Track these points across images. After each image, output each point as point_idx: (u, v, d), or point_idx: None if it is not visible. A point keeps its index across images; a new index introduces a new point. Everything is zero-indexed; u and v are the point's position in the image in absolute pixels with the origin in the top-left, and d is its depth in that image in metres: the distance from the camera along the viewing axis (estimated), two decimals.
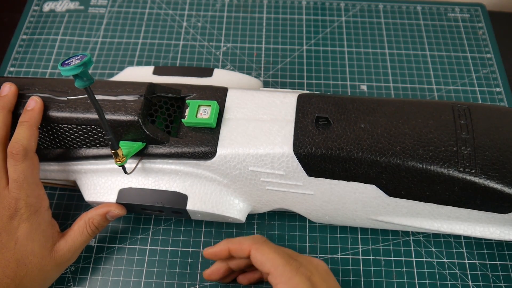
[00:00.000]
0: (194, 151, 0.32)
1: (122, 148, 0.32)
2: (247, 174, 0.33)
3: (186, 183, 0.34)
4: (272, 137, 0.32)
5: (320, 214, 0.36)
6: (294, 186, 0.33)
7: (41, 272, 0.31)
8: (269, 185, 0.33)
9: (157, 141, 0.32)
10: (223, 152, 0.32)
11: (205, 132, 0.33)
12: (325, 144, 0.31)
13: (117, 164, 0.31)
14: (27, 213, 0.31)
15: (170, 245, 0.39)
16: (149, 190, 0.35)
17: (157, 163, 0.34)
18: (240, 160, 0.32)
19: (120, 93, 0.33)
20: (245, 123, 0.33)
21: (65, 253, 0.33)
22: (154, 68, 0.40)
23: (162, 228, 0.40)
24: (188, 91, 0.35)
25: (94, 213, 0.34)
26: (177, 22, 0.53)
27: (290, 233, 0.39)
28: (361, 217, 0.35)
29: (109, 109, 0.32)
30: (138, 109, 0.31)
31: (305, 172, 0.32)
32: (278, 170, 0.32)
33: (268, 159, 0.32)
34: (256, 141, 0.32)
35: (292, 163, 0.31)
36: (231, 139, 0.32)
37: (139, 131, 0.32)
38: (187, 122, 0.33)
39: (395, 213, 0.34)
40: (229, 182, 0.34)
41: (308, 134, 0.31)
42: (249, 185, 0.34)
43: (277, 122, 0.32)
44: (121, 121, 0.32)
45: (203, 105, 0.33)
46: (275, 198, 0.35)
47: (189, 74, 0.39)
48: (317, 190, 0.33)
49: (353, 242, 0.39)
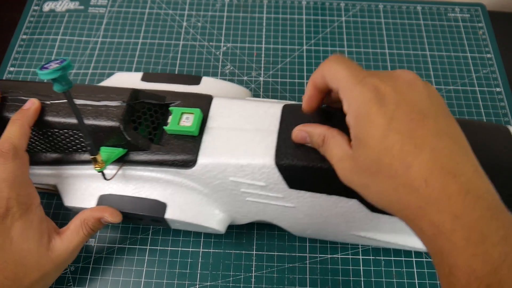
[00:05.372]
0: (175, 159, 0.32)
1: (102, 154, 0.31)
2: (227, 184, 0.32)
3: (167, 192, 0.34)
4: (254, 148, 0.31)
5: (302, 227, 0.35)
6: (275, 198, 0.32)
7: (39, 272, 0.31)
8: (249, 196, 0.33)
9: (138, 147, 0.32)
10: (204, 161, 0.31)
11: (187, 140, 0.32)
12: (307, 156, 0.30)
13: (96, 169, 0.31)
14: (20, 212, 0.31)
15: (170, 245, 0.39)
16: (128, 197, 0.34)
17: (138, 170, 0.33)
18: (221, 169, 0.31)
19: (103, 98, 0.32)
20: (228, 133, 0.32)
21: (62, 253, 0.32)
22: (143, 75, 0.40)
23: (162, 228, 0.40)
24: (172, 98, 0.34)
25: (89, 214, 0.33)
26: (177, 22, 0.53)
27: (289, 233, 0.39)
28: (343, 232, 0.35)
29: (91, 114, 0.32)
30: (120, 115, 0.31)
31: (287, 184, 0.31)
32: (259, 181, 0.31)
33: (249, 169, 0.31)
34: (238, 151, 0.31)
35: (273, 174, 0.31)
36: (212, 148, 0.31)
37: (120, 137, 0.31)
38: (169, 129, 0.32)
39: (377, 229, 0.34)
40: (209, 192, 0.33)
41: (291, 145, 0.30)
42: (229, 195, 0.33)
43: (260, 132, 0.32)
44: (102, 126, 0.31)
45: (186, 113, 0.32)
46: (255, 210, 0.34)
47: (177, 81, 0.39)
48: (298, 203, 0.32)
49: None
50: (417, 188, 0.21)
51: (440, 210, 0.21)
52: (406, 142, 0.22)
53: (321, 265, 0.38)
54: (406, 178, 0.22)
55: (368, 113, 0.23)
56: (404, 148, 0.22)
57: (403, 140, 0.22)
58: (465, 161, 0.22)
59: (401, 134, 0.22)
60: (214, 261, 0.38)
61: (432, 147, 0.22)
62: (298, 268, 0.38)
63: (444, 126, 0.23)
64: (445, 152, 0.22)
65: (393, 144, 0.22)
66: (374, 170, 0.23)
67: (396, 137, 0.22)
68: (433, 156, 0.21)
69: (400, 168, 0.22)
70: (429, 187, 0.21)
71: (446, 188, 0.21)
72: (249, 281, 0.37)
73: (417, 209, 0.22)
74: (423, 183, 0.21)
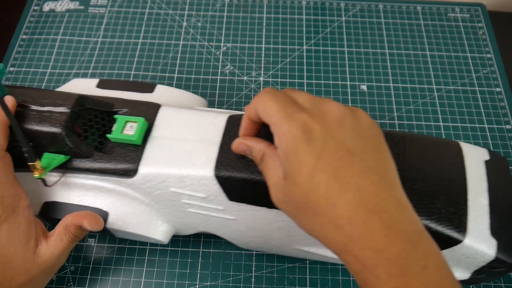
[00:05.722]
0: (116, 168, 0.31)
1: (44, 160, 0.31)
2: (168, 195, 0.32)
3: (109, 201, 0.34)
4: (195, 158, 0.30)
5: (245, 240, 0.35)
6: (216, 210, 0.32)
7: (27, 276, 0.30)
8: (191, 207, 0.32)
9: (81, 155, 0.32)
10: (144, 170, 0.31)
11: (130, 149, 0.32)
12: (248, 169, 0.29)
13: (35, 176, 0.31)
14: (5, 214, 0.30)
15: (170, 245, 0.39)
16: (71, 205, 0.34)
17: (81, 177, 0.33)
18: (161, 180, 0.31)
19: (48, 104, 0.32)
20: (171, 143, 0.32)
21: (47, 259, 0.31)
22: (99, 81, 0.39)
23: None
24: (121, 105, 0.34)
25: (70, 220, 0.32)
26: (177, 22, 0.53)
27: None
28: (287, 246, 0.34)
29: (34, 119, 0.31)
30: (63, 121, 0.31)
31: (227, 196, 0.31)
32: (199, 192, 0.31)
33: (188, 180, 0.30)
34: (179, 162, 0.30)
35: (212, 186, 0.30)
36: (154, 158, 0.31)
37: (62, 143, 0.31)
38: (112, 137, 0.32)
39: (320, 244, 0.33)
40: (151, 202, 0.33)
41: (232, 157, 0.30)
42: (171, 206, 0.33)
43: (202, 143, 0.31)
44: (44, 132, 0.31)
45: (130, 121, 0.32)
46: (198, 221, 0.34)
47: (131, 89, 0.38)
48: (239, 216, 0.32)
49: None
50: (341, 226, 0.22)
51: (363, 246, 0.21)
52: (331, 181, 0.22)
53: (321, 265, 0.38)
54: (331, 216, 0.22)
55: (296, 151, 0.23)
56: (329, 187, 0.22)
57: (328, 180, 0.22)
58: (389, 196, 0.22)
59: (327, 174, 0.22)
60: (214, 261, 0.38)
61: (358, 185, 0.22)
62: (298, 268, 0.38)
63: (371, 162, 0.23)
64: (370, 190, 0.22)
65: (319, 183, 0.22)
66: (303, 207, 0.23)
67: (323, 176, 0.22)
68: (357, 195, 0.22)
69: (326, 207, 0.22)
70: (353, 225, 0.22)
71: (369, 225, 0.21)
72: (249, 281, 0.37)
73: (342, 245, 0.22)
74: (347, 222, 0.22)
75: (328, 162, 0.23)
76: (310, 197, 0.23)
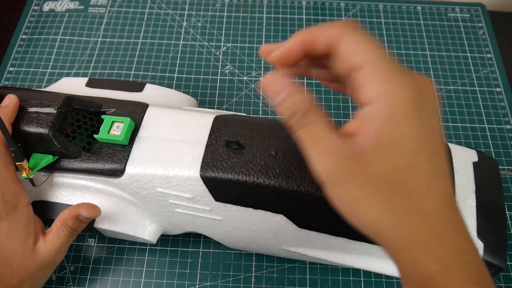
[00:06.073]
0: (103, 168, 0.31)
1: (32, 160, 0.31)
2: (155, 195, 0.32)
3: (97, 200, 0.34)
4: (181, 159, 0.30)
5: (232, 240, 0.35)
6: (203, 211, 0.32)
7: (25, 273, 0.31)
8: (178, 208, 0.32)
9: (68, 155, 0.32)
10: (131, 170, 0.31)
11: (117, 150, 0.32)
12: (233, 169, 0.29)
13: (23, 176, 0.31)
14: (5, 211, 0.30)
15: (170, 245, 0.39)
16: (60, 205, 0.34)
17: (69, 177, 0.33)
18: (148, 180, 0.31)
19: (36, 104, 0.32)
20: (158, 143, 0.32)
21: (45, 255, 0.31)
22: (88, 80, 0.39)
23: None
24: (109, 105, 0.34)
25: (67, 214, 0.32)
26: (177, 22, 0.53)
27: None
28: (275, 247, 0.34)
29: (22, 120, 0.31)
30: (50, 122, 0.31)
31: (213, 197, 0.31)
32: (185, 193, 0.31)
33: (175, 181, 0.30)
34: (165, 162, 0.30)
35: (198, 186, 0.30)
36: (141, 158, 0.31)
37: (49, 144, 0.31)
38: (99, 138, 0.32)
39: (308, 245, 0.33)
40: (138, 202, 0.33)
41: (218, 158, 0.30)
42: (158, 206, 0.33)
43: (189, 143, 0.31)
44: (31, 133, 0.31)
45: (117, 121, 0.32)
46: (185, 221, 0.34)
47: (120, 88, 0.38)
48: (225, 216, 0.32)
49: None
50: (429, 218, 0.19)
51: (446, 244, 0.19)
52: (434, 165, 0.19)
53: (321, 265, 0.38)
54: (421, 205, 0.19)
55: (410, 115, 0.19)
56: (431, 171, 0.19)
57: (431, 162, 0.19)
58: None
59: (429, 155, 0.19)
60: (214, 261, 0.38)
61: (448, 184, 0.20)
62: (298, 268, 0.38)
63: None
64: (451, 191, 0.21)
65: (422, 162, 0.19)
66: (386, 182, 0.19)
67: (424, 156, 0.19)
68: (446, 191, 0.20)
69: (420, 192, 0.19)
70: (442, 218, 0.19)
71: (454, 223, 0.20)
72: (249, 281, 0.37)
73: (423, 240, 0.19)
74: (437, 214, 0.19)
75: (433, 143, 0.20)
76: (404, 175, 0.19)
